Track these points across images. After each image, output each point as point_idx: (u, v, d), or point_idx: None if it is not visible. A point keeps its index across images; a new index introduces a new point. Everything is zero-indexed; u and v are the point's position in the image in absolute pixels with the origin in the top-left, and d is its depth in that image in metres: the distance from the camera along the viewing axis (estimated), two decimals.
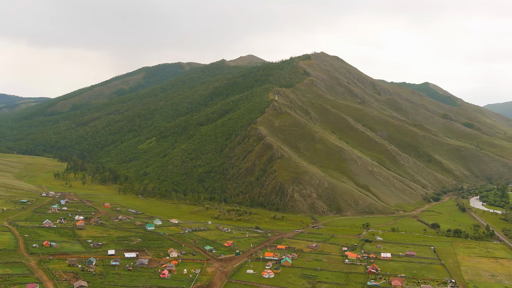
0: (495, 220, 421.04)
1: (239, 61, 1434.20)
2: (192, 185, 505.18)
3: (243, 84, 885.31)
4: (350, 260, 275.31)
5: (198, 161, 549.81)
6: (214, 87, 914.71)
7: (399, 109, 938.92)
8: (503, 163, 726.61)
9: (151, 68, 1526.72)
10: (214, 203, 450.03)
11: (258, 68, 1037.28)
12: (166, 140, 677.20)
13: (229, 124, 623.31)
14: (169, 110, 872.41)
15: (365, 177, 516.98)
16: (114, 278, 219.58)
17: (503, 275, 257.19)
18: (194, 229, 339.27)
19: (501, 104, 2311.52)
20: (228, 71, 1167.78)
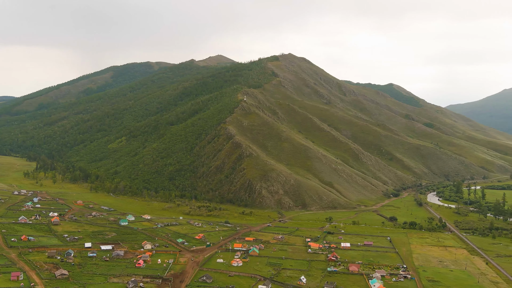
0: (448, 214, 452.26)
1: (208, 61, 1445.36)
2: (163, 183, 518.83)
3: (213, 85, 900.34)
4: (313, 249, 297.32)
5: (169, 159, 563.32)
6: (184, 87, 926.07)
7: (364, 109, 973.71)
8: (460, 161, 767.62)
9: (119, 67, 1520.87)
10: (185, 200, 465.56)
11: (227, 68, 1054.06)
12: (137, 140, 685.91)
13: (199, 124, 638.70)
14: (138, 109, 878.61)
15: (329, 174, 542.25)
16: (92, 268, 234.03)
17: (450, 261, 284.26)
18: (166, 224, 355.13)
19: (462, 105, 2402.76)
20: (197, 71, 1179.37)
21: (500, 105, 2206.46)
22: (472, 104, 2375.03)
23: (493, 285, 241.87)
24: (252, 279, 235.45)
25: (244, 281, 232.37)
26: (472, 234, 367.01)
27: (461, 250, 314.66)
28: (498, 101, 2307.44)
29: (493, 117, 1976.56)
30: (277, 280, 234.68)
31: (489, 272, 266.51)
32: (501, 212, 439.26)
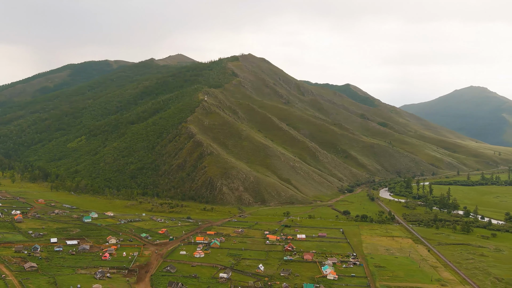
0: (398, 207, 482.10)
1: (169, 60, 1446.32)
2: (124, 181, 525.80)
3: (173, 84, 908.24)
4: (271, 241, 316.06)
5: (130, 158, 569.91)
6: (144, 86, 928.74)
7: (321, 109, 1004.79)
8: (411, 158, 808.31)
9: (77, 66, 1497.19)
10: (147, 198, 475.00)
11: (188, 68, 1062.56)
12: (97, 139, 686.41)
13: (160, 123, 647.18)
14: (98, 108, 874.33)
15: (288, 172, 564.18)
16: (59, 261, 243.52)
17: (396, 249, 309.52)
18: (129, 220, 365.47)
19: (416, 105, 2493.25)
20: (157, 70, 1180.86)
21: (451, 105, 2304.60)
22: (425, 104, 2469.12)
23: (432, 269, 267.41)
24: (213, 268, 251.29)
25: (206, 270, 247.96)
26: (418, 226, 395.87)
27: (407, 239, 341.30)
28: (449, 101, 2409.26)
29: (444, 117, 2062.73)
30: (237, 269, 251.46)
31: (430, 258, 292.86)
32: (445, 206, 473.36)
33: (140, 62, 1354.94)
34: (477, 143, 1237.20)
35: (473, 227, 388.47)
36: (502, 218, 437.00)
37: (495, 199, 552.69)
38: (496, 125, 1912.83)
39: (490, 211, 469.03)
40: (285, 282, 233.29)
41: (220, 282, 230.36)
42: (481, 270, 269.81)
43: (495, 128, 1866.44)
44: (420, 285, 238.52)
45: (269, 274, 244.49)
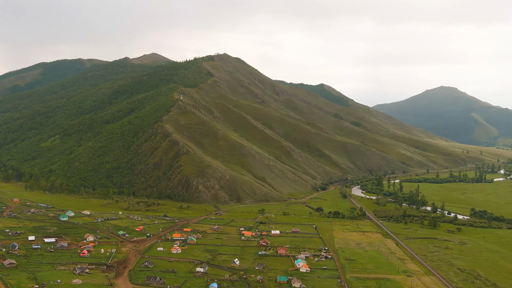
0: (369, 204, 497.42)
1: (143, 59, 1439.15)
2: (100, 180, 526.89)
3: (148, 83, 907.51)
4: (246, 237, 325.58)
5: (106, 157, 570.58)
6: (119, 86, 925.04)
7: (296, 109, 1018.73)
8: (382, 157, 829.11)
9: (49, 64, 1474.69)
10: (123, 197, 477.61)
11: (163, 67, 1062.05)
12: (71, 138, 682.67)
13: (136, 122, 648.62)
14: (71, 108, 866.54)
15: (263, 170, 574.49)
16: (38, 258, 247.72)
17: (366, 243, 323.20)
18: (106, 218, 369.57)
19: (388, 104, 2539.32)
20: (132, 70, 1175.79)
21: (422, 105, 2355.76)
22: (397, 104, 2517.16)
23: (400, 261, 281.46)
24: (190, 263, 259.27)
25: (183, 265, 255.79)
26: (387, 221, 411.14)
27: (377, 234, 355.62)
28: (421, 101, 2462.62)
29: (416, 116, 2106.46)
30: (214, 263, 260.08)
31: (398, 251, 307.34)
32: (414, 202, 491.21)
33: (114, 61, 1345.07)
34: (447, 142, 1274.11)
35: (439, 222, 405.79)
36: (468, 213, 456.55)
37: (462, 196, 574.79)
38: (466, 124, 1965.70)
39: (457, 207, 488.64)
40: (259, 275, 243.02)
41: (197, 276, 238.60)
42: (445, 262, 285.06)
43: (465, 127, 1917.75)
44: (387, 276, 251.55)
45: (244, 268, 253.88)
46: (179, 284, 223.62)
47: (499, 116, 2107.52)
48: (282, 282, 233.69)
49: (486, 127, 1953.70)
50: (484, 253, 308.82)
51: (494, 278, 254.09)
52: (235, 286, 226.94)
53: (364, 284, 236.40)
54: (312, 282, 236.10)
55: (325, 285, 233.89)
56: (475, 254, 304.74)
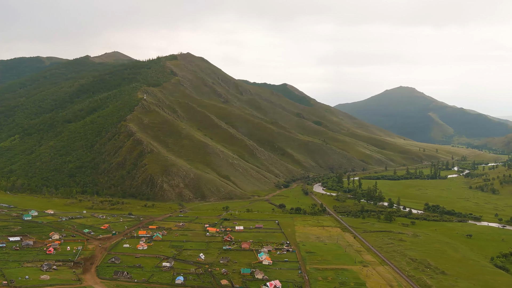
0: (329, 200, 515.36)
1: (105, 58, 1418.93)
2: (63, 180, 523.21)
3: (111, 82, 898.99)
4: (211, 233, 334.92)
5: (68, 157, 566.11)
6: (80, 84, 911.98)
7: (259, 108, 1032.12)
8: (343, 155, 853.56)
9: (5, 62, 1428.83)
10: (87, 196, 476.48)
11: (125, 66, 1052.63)
12: (31, 138, 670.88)
13: (99, 122, 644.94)
14: (31, 107, 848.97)
15: (227, 169, 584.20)
16: (4, 256, 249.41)
17: (325, 237, 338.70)
18: (70, 217, 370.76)
19: (349, 104, 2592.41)
20: (93, 68, 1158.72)
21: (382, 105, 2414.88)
22: (358, 104, 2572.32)
23: (357, 253, 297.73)
24: (156, 259, 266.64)
25: (150, 261, 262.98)
26: (346, 216, 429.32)
27: (336, 228, 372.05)
28: (380, 101, 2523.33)
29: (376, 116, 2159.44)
30: (179, 258, 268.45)
31: (355, 244, 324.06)
32: (372, 198, 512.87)
33: (75, 59, 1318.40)
34: (405, 141, 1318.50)
35: (395, 216, 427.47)
36: (422, 208, 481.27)
37: (417, 192, 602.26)
38: (423, 123, 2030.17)
39: (412, 202, 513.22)
40: (224, 268, 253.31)
41: (164, 270, 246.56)
42: (399, 252, 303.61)
43: (423, 126, 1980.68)
44: (345, 266, 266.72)
45: (209, 262, 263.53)
46: (146, 278, 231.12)
47: (454, 116, 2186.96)
48: (246, 274, 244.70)
49: (442, 126, 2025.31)
50: (435, 244, 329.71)
51: (443, 266, 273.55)
52: (201, 278, 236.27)
53: (323, 274, 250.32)
54: (274, 273, 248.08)
55: (286, 276, 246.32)
56: (427, 245, 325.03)
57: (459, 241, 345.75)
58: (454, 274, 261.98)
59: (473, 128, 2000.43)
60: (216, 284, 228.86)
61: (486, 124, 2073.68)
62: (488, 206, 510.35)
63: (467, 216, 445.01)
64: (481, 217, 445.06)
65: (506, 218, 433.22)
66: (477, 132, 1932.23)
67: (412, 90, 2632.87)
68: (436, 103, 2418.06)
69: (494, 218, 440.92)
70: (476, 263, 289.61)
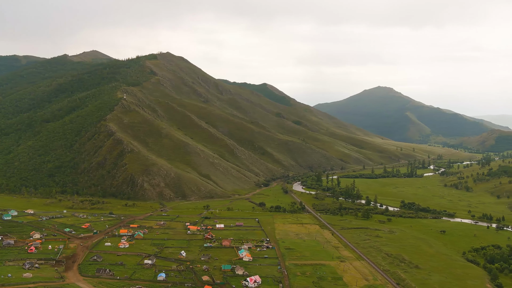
0: (309, 199, 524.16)
1: (83, 57, 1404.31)
2: (42, 180, 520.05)
3: (89, 81, 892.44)
4: (192, 231, 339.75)
5: (47, 157, 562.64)
6: (58, 84, 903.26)
7: (239, 108, 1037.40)
8: (322, 154, 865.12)
9: None
10: (67, 196, 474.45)
11: (104, 65, 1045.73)
12: (9, 138, 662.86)
13: (78, 121, 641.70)
14: (8, 106, 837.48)
15: (207, 168, 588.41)
16: None
17: (304, 234, 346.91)
18: (51, 216, 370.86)
19: (328, 104, 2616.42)
20: (72, 67, 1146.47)
21: (360, 104, 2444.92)
22: (337, 103, 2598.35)
23: (334, 249, 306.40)
24: (138, 256, 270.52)
25: (132, 258, 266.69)
26: (325, 214, 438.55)
27: (314, 225, 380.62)
28: (359, 101, 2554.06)
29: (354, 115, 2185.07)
30: (161, 256, 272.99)
31: (333, 240, 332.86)
32: (350, 196, 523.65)
33: (53, 58, 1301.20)
34: (383, 140, 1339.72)
35: (372, 213, 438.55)
36: (398, 205, 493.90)
37: (394, 190, 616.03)
38: (401, 123, 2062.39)
39: (389, 200, 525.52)
40: (205, 265, 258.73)
41: (145, 267, 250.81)
42: (375, 248, 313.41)
43: (400, 126, 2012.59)
44: (323, 262, 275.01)
45: (190, 259, 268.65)
46: (128, 275, 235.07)
47: (431, 115, 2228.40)
48: (227, 270, 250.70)
49: (419, 126, 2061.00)
50: (410, 240, 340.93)
51: (417, 261, 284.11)
52: (182, 275, 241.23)
53: (302, 270, 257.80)
54: (254, 269, 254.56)
55: (266, 271, 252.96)
56: (402, 241, 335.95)
57: (433, 237, 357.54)
58: (427, 268, 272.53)
59: (449, 127, 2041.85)
60: (197, 280, 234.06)
61: (462, 124, 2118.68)
62: (462, 203, 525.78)
63: (441, 213, 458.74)
64: (454, 213, 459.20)
65: (478, 214, 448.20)
66: (453, 132, 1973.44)
67: (390, 90, 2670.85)
68: (414, 103, 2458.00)
69: (467, 215, 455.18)
70: (448, 257, 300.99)
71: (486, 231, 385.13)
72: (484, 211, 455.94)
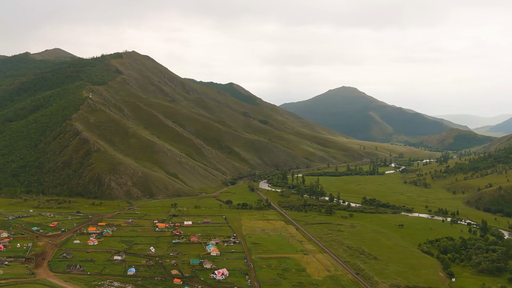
0: (274, 196, 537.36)
1: (46, 55, 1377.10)
2: (6, 179, 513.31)
3: (53, 80, 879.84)
4: (160, 229, 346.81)
5: (11, 156, 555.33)
6: (21, 82, 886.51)
7: (206, 107, 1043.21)
8: (288, 153, 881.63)
9: None
10: (32, 195, 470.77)
11: (68, 64, 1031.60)
12: None
13: (43, 120, 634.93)
14: None
15: (174, 167, 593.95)
16: None
17: (270, 229, 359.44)
18: (17, 216, 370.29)
19: (294, 103, 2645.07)
20: (34, 65, 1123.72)
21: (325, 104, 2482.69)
22: (302, 103, 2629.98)
23: (299, 243, 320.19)
24: (108, 253, 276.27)
25: (101, 255, 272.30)
26: (290, 210, 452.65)
27: (280, 221, 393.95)
28: (324, 100, 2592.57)
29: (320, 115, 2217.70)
30: (130, 252, 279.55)
31: (297, 235, 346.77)
32: (314, 193, 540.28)
33: (14, 56, 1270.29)
34: (347, 139, 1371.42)
35: (335, 209, 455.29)
36: (360, 201, 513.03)
37: (356, 187, 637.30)
38: (364, 122, 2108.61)
39: (351, 196, 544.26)
40: (174, 260, 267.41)
41: (115, 263, 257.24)
42: (337, 241, 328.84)
43: (364, 125, 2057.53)
44: (287, 255, 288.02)
45: (159, 255, 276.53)
46: (99, 271, 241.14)
47: (393, 115, 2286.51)
48: (195, 264, 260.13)
49: (382, 125, 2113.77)
50: (370, 234, 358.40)
51: (375, 253, 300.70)
52: (152, 270, 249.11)
53: (267, 263, 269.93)
54: (222, 263, 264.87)
55: (233, 265, 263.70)
56: (362, 235, 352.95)
57: (392, 231, 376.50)
58: (385, 259, 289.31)
59: (410, 126, 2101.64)
60: (166, 274, 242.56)
61: (423, 123, 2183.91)
62: (420, 199, 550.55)
63: (400, 208, 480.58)
64: (412, 209, 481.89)
65: (434, 209, 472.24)
66: (415, 131, 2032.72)
67: (354, 90, 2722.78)
68: (377, 102, 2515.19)
69: (424, 210, 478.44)
70: (405, 249, 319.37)
71: (441, 225, 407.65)
72: (440, 206, 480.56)
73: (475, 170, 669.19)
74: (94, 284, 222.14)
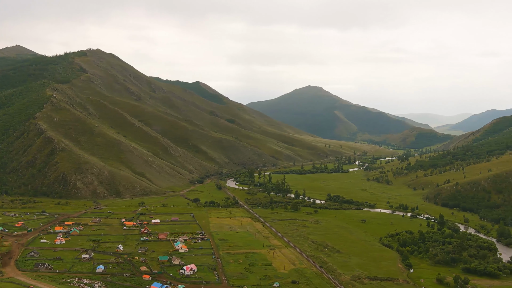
0: (242, 194, 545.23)
1: (6, 52, 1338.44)
2: None
3: (15, 78, 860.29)
4: (128, 227, 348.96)
5: None
6: None
7: (173, 106, 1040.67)
8: (255, 151, 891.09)
9: None
10: None
11: (31, 61, 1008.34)
12: None
13: (5, 119, 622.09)
14: None
15: (141, 166, 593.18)
16: None
17: (237, 226, 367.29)
18: None
19: (261, 102, 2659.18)
20: None
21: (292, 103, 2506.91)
22: (269, 102, 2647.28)
23: (265, 239, 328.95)
24: (76, 251, 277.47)
25: (69, 253, 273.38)
26: (257, 207, 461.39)
27: (247, 218, 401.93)
28: (290, 99, 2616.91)
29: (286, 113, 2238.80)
30: (99, 250, 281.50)
31: (264, 231, 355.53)
32: (280, 190, 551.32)
33: None
34: (312, 137, 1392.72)
35: (301, 206, 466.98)
36: (324, 198, 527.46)
37: (322, 184, 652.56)
38: (330, 121, 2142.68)
39: (316, 193, 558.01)
40: (143, 257, 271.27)
41: (83, 261, 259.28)
42: (302, 237, 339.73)
43: (329, 124, 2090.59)
44: (254, 250, 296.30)
45: (128, 252, 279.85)
46: (67, 268, 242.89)
47: (358, 114, 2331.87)
48: (164, 261, 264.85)
49: (347, 124, 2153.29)
50: (334, 229, 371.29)
51: (339, 247, 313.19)
52: (121, 267, 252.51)
53: (235, 258, 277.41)
54: (190, 259, 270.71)
55: (201, 260, 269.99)
56: (326, 230, 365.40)
57: (355, 226, 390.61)
58: (348, 252, 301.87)
59: (374, 125, 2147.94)
60: (135, 271, 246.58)
61: (386, 122, 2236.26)
62: (382, 195, 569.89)
63: (363, 204, 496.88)
64: (375, 204, 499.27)
65: (395, 205, 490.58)
66: (378, 129, 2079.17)
67: (319, 89, 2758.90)
68: (342, 102, 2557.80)
69: (386, 205, 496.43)
70: (367, 243, 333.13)
71: (401, 219, 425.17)
72: (401, 202, 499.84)
73: (435, 167, 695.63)
74: (63, 281, 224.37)
